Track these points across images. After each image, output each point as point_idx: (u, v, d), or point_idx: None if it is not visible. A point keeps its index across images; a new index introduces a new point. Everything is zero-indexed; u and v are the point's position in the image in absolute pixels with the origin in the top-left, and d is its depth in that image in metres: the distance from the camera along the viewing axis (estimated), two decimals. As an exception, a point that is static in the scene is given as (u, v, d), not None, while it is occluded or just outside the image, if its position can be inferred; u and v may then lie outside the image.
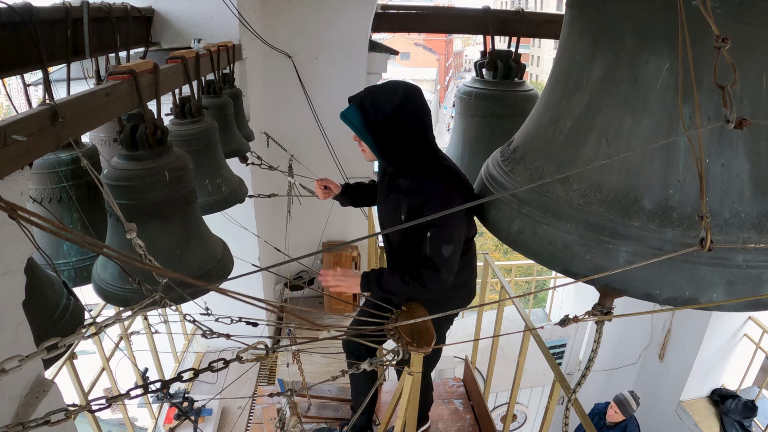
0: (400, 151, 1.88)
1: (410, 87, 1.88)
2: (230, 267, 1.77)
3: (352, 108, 1.86)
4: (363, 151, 1.96)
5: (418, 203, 1.84)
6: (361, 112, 1.84)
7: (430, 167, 1.90)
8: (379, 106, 1.81)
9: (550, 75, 1.72)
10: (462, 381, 3.52)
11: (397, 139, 1.85)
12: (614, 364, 5.59)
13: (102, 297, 1.54)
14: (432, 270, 1.84)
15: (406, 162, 1.90)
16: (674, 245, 1.29)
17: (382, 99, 1.82)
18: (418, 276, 1.85)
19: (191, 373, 1.15)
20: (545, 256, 1.49)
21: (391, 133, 1.84)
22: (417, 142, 1.87)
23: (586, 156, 1.46)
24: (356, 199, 2.40)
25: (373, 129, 1.84)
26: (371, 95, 1.84)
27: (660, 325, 5.16)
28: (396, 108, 1.81)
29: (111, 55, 2.23)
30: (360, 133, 1.88)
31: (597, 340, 1.53)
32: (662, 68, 1.32)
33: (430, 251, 1.83)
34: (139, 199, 1.51)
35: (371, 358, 1.47)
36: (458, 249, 1.87)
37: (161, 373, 3.45)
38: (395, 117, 1.81)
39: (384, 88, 1.89)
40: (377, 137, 1.86)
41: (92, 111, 1.37)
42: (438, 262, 1.83)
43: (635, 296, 1.36)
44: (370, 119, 1.83)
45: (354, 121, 1.86)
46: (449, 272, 1.85)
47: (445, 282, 1.86)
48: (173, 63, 2.02)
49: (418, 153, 1.89)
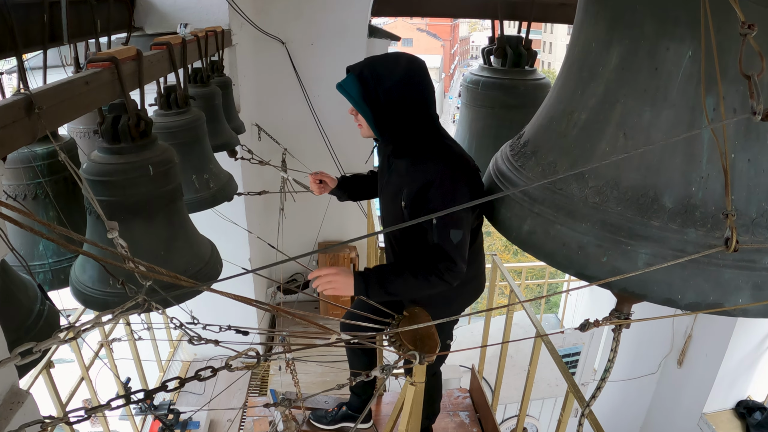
0: (400, 127, 1.86)
1: (413, 59, 1.87)
2: (219, 269, 1.77)
3: (350, 78, 1.85)
4: (359, 126, 1.95)
5: (419, 186, 1.82)
6: (359, 83, 1.83)
7: (432, 147, 1.88)
8: (379, 77, 1.80)
9: (563, 63, 1.72)
10: (468, 392, 3.53)
11: (397, 114, 1.84)
12: (632, 374, 5.59)
13: (80, 301, 1.54)
14: (447, 260, 1.78)
15: (406, 140, 1.88)
16: (697, 246, 1.30)
17: (383, 70, 1.82)
18: (434, 269, 1.78)
19: (177, 382, 1.15)
20: (558, 258, 1.49)
21: (390, 106, 1.83)
22: (418, 118, 1.86)
23: (602, 150, 1.46)
24: (354, 192, 2.39)
25: (372, 101, 1.84)
26: (371, 65, 1.83)
27: (681, 332, 5.16)
28: (397, 80, 1.80)
29: (91, 41, 2.23)
30: (357, 105, 1.87)
31: (614, 348, 1.53)
32: (684, 56, 1.32)
33: (440, 239, 1.78)
34: (120, 195, 1.51)
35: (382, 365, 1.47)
36: (467, 234, 1.85)
37: (144, 383, 3.45)
38: (396, 89, 1.81)
39: (385, 58, 1.88)
40: (376, 111, 1.85)
41: (70, 101, 1.37)
42: (450, 251, 1.78)
43: (655, 301, 1.36)
44: (369, 91, 1.82)
45: (351, 92, 1.85)
46: (463, 261, 1.82)
47: (462, 272, 1.82)
48: (158, 49, 2.01)
49: (420, 131, 1.87)
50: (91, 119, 2.26)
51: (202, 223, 1.89)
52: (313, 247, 4.57)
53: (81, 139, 2.35)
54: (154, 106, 2.17)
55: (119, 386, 3.05)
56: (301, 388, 2.74)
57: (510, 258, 19.23)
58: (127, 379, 3.07)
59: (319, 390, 2.97)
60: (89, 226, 1.57)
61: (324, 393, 1.68)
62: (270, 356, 1.48)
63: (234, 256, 2.16)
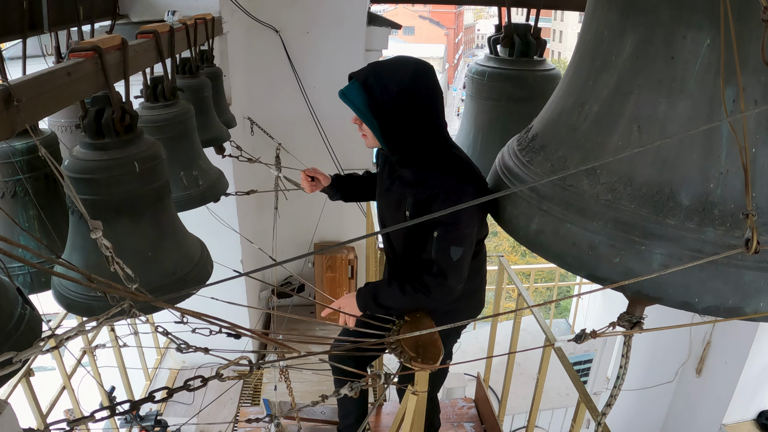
0: (407, 137, 1.87)
1: (421, 64, 1.87)
2: (209, 271, 1.78)
3: (355, 86, 1.84)
4: (364, 137, 1.96)
5: (426, 197, 1.84)
6: (364, 91, 1.83)
7: (439, 157, 1.90)
8: (385, 85, 1.80)
9: (574, 52, 1.72)
10: (473, 401, 3.53)
11: (404, 124, 1.84)
12: (647, 383, 5.59)
13: (63, 305, 1.54)
14: (438, 277, 1.83)
15: (412, 150, 1.90)
16: (716, 247, 1.29)
17: (390, 77, 1.81)
18: (421, 285, 1.84)
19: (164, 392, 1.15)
20: (568, 259, 1.49)
21: (398, 116, 1.83)
22: (426, 127, 1.87)
23: (615, 144, 1.46)
24: (347, 192, 2.40)
25: (378, 111, 1.83)
26: (377, 72, 1.83)
27: (700, 339, 5.16)
28: (405, 88, 1.80)
29: (73, 30, 2.23)
30: (363, 115, 1.87)
31: (625, 355, 1.53)
32: (702, 45, 1.32)
33: (437, 254, 1.82)
34: (105, 193, 1.51)
35: (352, 383, 1.47)
36: (469, 252, 1.87)
37: (130, 393, 3.46)
38: (404, 98, 1.81)
39: (391, 64, 1.88)
40: (382, 120, 1.85)
41: (51, 93, 1.37)
42: (445, 267, 1.82)
43: (671, 305, 1.36)
44: (375, 100, 1.82)
45: (356, 101, 1.85)
46: (458, 279, 1.85)
47: (453, 291, 1.86)
48: (144, 38, 2.01)
49: (427, 140, 1.88)
50: (73, 112, 2.26)
51: (191, 223, 1.90)
52: (309, 249, 4.58)
53: (62, 133, 2.35)
54: (140, 99, 2.17)
55: (103, 396, 3.05)
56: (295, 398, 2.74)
57: (518, 260, 19.24)
58: (112, 389, 3.08)
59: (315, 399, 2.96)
60: (72, 226, 1.57)
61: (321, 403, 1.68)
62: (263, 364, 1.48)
63: (225, 258, 2.16)
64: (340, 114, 1.89)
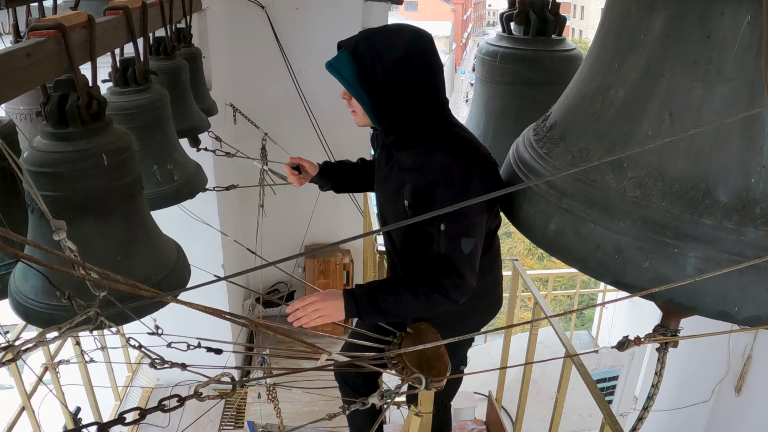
0: (403, 113, 1.86)
1: (419, 32, 1.87)
2: (186, 277, 1.78)
3: (343, 55, 1.85)
4: (353, 113, 1.96)
5: (426, 183, 1.83)
6: (354, 61, 1.83)
7: (440, 137, 1.89)
8: (377, 54, 1.80)
9: (597, 30, 1.72)
10: (484, 423, 3.54)
11: (399, 98, 1.84)
12: (680, 403, 5.59)
13: (21, 315, 1.54)
14: (453, 275, 1.79)
15: (409, 129, 1.89)
16: (757, 249, 1.30)
17: (383, 45, 1.81)
18: (438, 285, 1.79)
19: (136, 413, 1.15)
20: (591, 264, 1.49)
21: (391, 89, 1.83)
22: (425, 103, 1.86)
23: (644, 134, 1.46)
24: (338, 181, 2.39)
25: (369, 83, 1.83)
26: (368, 39, 1.83)
27: (739, 353, 5.16)
28: (400, 57, 1.80)
29: (33, 5, 2.23)
30: (351, 87, 1.87)
31: (659, 372, 1.53)
32: (742, 22, 1.32)
33: (447, 250, 1.79)
34: (69, 189, 1.51)
35: (381, 391, 1.47)
36: (480, 242, 1.86)
37: (98, 414, 3.46)
38: (398, 69, 1.81)
39: (385, 31, 1.89)
40: (374, 94, 1.85)
41: (9, 76, 1.37)
42: (459, 264, 1.79)
43: (707, 315, 1.37)
44: (366, 71, 1.82)
45: (344, 72, 1.85)
46: (473, 273, 1.82)
47: (470, 288, 1.83)
48: (113, 15, 2.01)
49: (426, 117, 1.88)
50: (33, 98, 2.25)
51: (165, 223, 1.90)
52: (299, 251, 4.58)
53: (21, 121, 2.35)
54: (109, 83, 2.17)
55: (67, 418, 3.05)
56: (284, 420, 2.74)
57: (534, 264, 19.26)
58: (77, 409, 3.08)
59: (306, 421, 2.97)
60: (31, 225, 1.57)
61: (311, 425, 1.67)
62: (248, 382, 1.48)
63: (205, 262, 2.16)
64: (334, 100, 1.89)
